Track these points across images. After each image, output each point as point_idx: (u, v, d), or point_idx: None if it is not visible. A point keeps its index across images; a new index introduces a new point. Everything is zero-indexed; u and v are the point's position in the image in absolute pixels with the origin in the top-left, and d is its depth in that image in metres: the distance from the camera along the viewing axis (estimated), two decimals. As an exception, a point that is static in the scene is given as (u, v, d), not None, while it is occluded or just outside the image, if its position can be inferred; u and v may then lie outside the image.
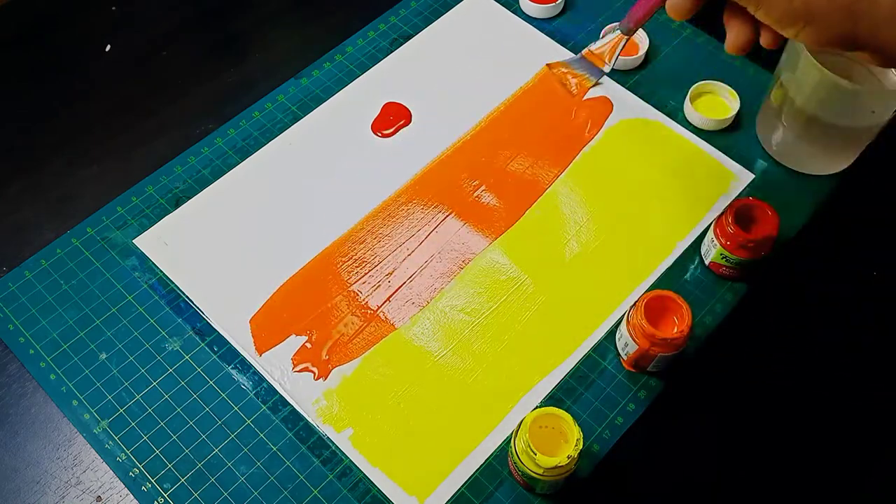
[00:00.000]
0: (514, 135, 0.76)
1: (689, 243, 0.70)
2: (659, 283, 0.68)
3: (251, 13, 0.86)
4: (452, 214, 0.71)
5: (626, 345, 0.63)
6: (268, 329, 0.66)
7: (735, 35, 0.52)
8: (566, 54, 0.81)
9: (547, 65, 0.79)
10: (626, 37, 0.72)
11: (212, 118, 0.77)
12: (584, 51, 0.78)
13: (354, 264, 0.69)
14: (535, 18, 0.84)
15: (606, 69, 0.77)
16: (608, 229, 0.71)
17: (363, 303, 0.67)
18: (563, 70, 0.79)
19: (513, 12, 0.84)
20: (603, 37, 0.77)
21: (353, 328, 0.66)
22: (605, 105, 0.78)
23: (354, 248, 0.70)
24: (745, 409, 0.64)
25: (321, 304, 0.67)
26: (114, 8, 0.86)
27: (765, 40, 0.52)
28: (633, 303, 0.63)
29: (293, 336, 0.66)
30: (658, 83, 0.79)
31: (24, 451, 0.62)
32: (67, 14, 0.85)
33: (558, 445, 0.56)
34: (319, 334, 0.66)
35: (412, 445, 0.62)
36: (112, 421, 0.62)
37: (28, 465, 0.61)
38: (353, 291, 0.68)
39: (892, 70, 0.70)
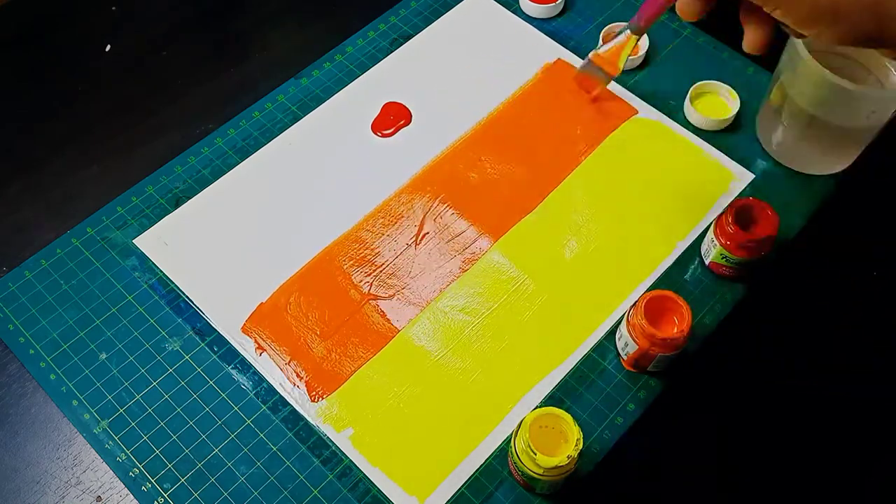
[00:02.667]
0: (514, 135, 0.76)
1: (689, 243, 0.70)
2: (659, 283, 0.68)
3: (251, 13, 0.86)
4: (453, 214, 0.72)
5: (626, 345, 0.63)
6: (268, 329, 0.66)
7: (753, 34, 0.51)
8: (566, 54, 0.81)
9: (555, 62, 0.78)
10: (636, 37, 0.68)
11: (212, 118, 0.77)
12: (592, 54, 0.74)
13: (354, 264, 0.69)
14: (535, 18, 0.84)
15: (616, 74, 0.73)
16: (608, 229, 0.71)
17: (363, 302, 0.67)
18: (574, 75, 0.76)
19: (513, 12, 0.84)
20: (605, 41, 0.74)
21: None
22: (622, 111, 0.78)
23: (354, 248, 0.70)
24: (744, 409, 0.64)
25: (321, 304, 0.67)
26: (114, 8, 0.86)
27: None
28: (633, 303, 0.63)
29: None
30: (658, 83, 0.79)
31: (24, 451, 0.62)
32: (67, 14, 0.85)
33: (558, 445, 0.56)
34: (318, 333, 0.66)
35: (412, 445, 0.62)
36: (112, 421, 0.62)
37: (28, 465, 0.61)
38: (353, 291, 0.68)
39: (893, 70, 0.70)
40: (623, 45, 0.70)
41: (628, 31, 0.68)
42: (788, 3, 0.45)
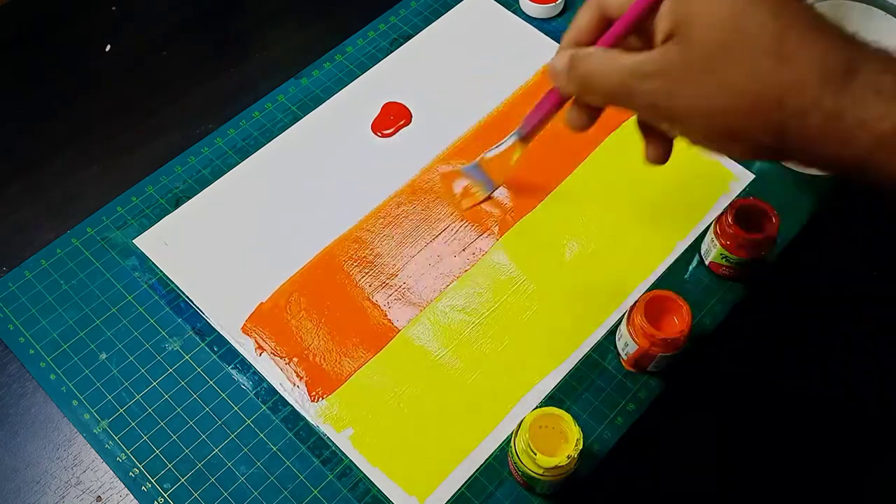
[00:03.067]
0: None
1: (689, 243, 0.70)
2: (659, 283, 0.68)
3: (251, 13, 0.86)
4: (452, 214, 0.71)
5: (626, 345, 0.63)
6: (268, 329, 0.66)
7: (654, 149, 0.49)
8: (566, 54, 0.80)
9: (440, 173, 0.73)
10: (522, 144, 0.61)
11: (212, 118, 0.77)
12: (480, 158, 0.68)
13: (354, 264, 0.69)
14: (535, 18, 0.84)
15: (501, 184, 0.67)
16: (608, 229, 0.71)
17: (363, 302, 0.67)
18: (457, 179, 0.71)
19: (513, 12, 0.84)
20: (500, 144, 0.65)
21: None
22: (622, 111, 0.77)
23: (354, 248, 0.70)
24: (745, 409, 0.64)
25: (321, 304, 0.67)
26: (114, 8, 0.86)
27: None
28: (633, 303, 0.63)
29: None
30: (658, 83, 0.79)
31: (24, 451, 0.62)
32: (67, 14, 0.85)
33: (558, 445, 0.56)
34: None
35: (412, 445, 0.62)
36: (112, 421, 0.62)
37: (28, 465, 0.61)
38: (353, 291, 0.68)
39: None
40: (509, 153, 0.63)
41: (515, 139, 0.61)
42: (683, 126, 0.43)
